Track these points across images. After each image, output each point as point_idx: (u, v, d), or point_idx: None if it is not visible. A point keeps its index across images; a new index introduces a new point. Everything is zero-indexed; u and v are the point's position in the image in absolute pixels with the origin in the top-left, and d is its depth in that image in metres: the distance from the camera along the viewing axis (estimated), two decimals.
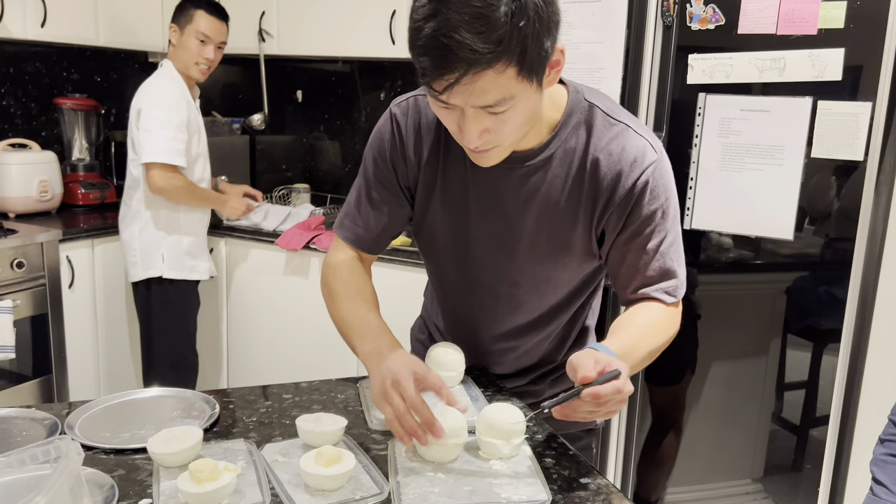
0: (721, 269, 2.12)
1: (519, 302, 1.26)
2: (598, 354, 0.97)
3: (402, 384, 1.00)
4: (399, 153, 1.20)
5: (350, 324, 1.18)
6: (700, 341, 2.19)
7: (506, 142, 1.03)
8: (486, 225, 1.20)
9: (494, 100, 0.94)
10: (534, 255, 1.20)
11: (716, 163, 1.97)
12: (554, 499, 0.94)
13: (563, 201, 1.14)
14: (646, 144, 1.12)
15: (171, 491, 0.91)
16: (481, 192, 1.17)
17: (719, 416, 2.28)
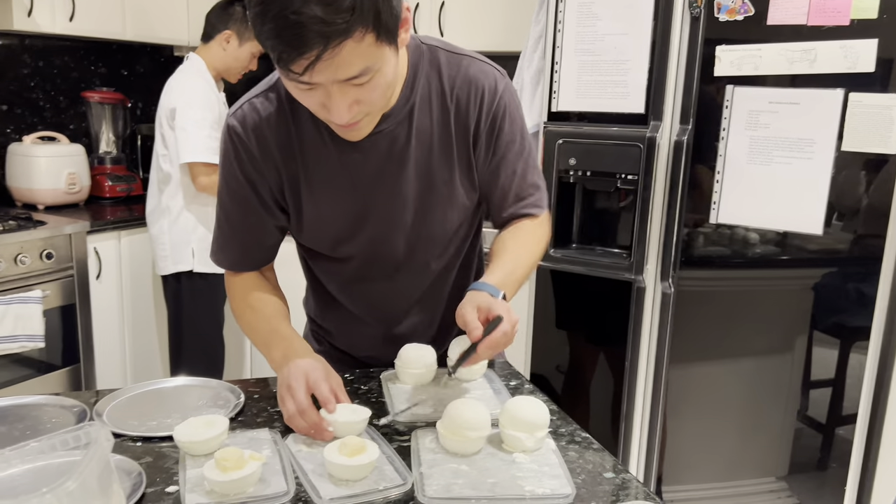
0: (746, 264, 2.09)
1: (421, 265, 1.25)
2: (478, 299, 1.05)
3: (293, 388, 1.03)
4: (249, 165, 1.14)
5: (258, 336, 1.20)
6: (724, 337, 2.16)
7: (374, 108, 1.03)
8: (369, 195, 1.16)
9: (358, 70, 0.91)
10: (425, 211, 1.19)
11: (743, 156, 1.94)
12: (578, 493, 0.93)
13: (436, 144, 1.16)
14: (494, 70, 1.17)
15: (198, 479, 0.91)
16: (353, 165, 1.14)
17: (744, 412, 2.25)
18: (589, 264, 2.17)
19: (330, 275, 1.29)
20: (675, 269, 2.06)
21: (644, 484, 0.99)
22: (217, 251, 1.24)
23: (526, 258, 1.21)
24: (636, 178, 2.05)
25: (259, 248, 1.23)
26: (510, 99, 1.19)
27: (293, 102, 1.10)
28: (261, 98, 1.14)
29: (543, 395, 1.22)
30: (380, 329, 1.31)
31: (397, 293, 1.27)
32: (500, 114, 1.17)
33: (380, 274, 1.25)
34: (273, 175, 1.15)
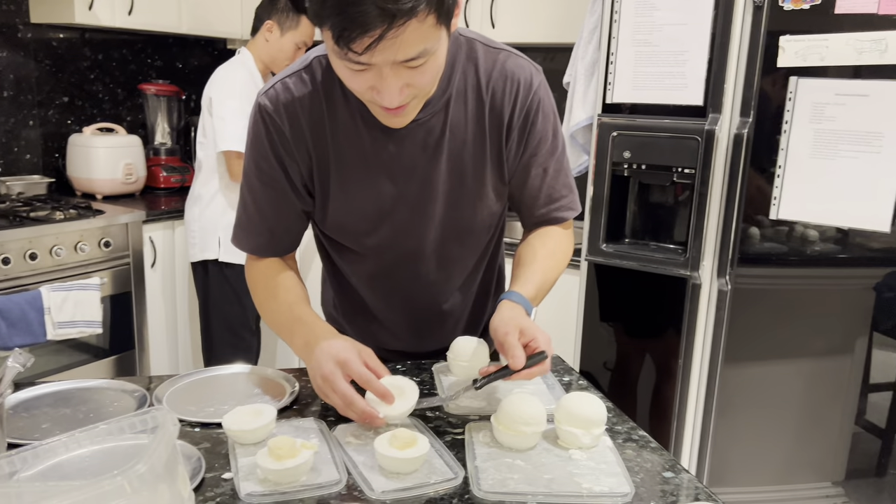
0: (805, 262, 2.03)
1: (448, 259, 1.23)
2: (520, 321, 1.04)
3: (330, 379, 0.99)
4: (280, 146, 1.12)
5: (279, 324, 1.16)
6: (781, 336, 2.11)
7: (422, 93, 1.02)
8: (399, 185, 1.15)
9: (417, 51, 0.91)
10: (454, 204, 1.18)
11: (807, 150, 1.87)
12: (637, 491, 0.91)
13: (469, 137, 1.14)
14: (530, 65, 1.17)
15: (250, 466, 0.92)
16: (384, 152, 1.13)
17: (799, 414, 2.19)
18: (642, 260, 2.13)
19: (353, 266, 1.27)
20: (732, 266, 2.01)
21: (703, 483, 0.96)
22: (241, 235, 1.21)
23: (555, 270, 1.21)
24: (693, 171, 2.00)
25: (286, 234, 1.21)
26: (545, 95, 1.18)
27: (327, 85, 1.10)
28: (293, 78, 1.12)
29: (597, 392, 1.20)
30: (403, 322, 1.30)
31: (422, 287, 1.26)
32: (533, 108, 1.16)
33: (405, 266, 1.23)
34: (303, 156, 1.13)
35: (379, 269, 1.24)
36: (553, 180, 1.21)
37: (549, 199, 1.22)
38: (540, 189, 1.21)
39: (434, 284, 1.26)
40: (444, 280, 1.26)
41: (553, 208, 1.23)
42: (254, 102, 1.14)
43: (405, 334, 1.31)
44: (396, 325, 1.31)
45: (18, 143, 2.98)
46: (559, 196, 1.23)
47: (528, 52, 3.43)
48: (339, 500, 0.87)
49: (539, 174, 1.20)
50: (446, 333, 1.29)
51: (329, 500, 0.88)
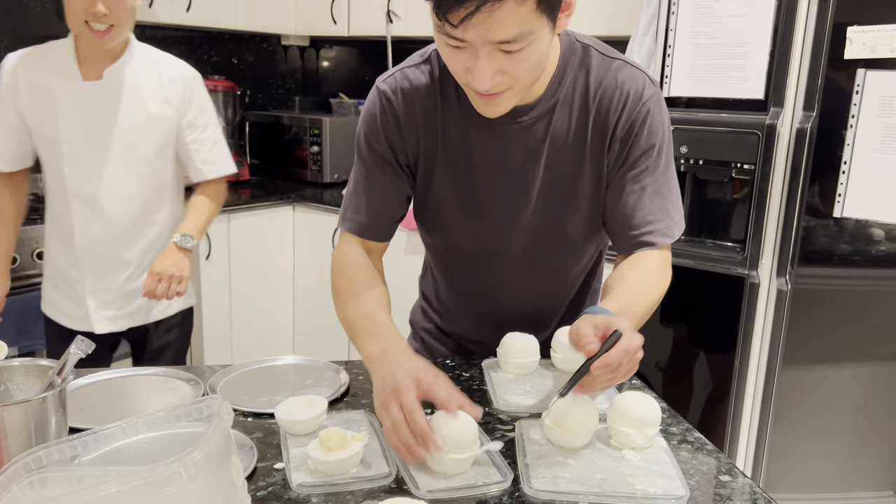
0: (869, 262, 1.95)
1: (537, 261, 1.22)
2: (596, 319, 0.94)
3: (401, 391, 0.91)
4: (394, 130, 1.15)
5: (354, 324, 1.12)
6: (842, 339, 2.03)
7: (518, 85, 0.99)
8: (496, 184, 1.15)
9: (512, 34, 0.89)
10: (547, 208, 1.16)
11: (874, 145, 1.80)
12: (692, 494, 0.89)
13: (570, 145, 1.12)
14: (644, 77, 1.12)
15: (301, 457, 0.93)
16: (487, 151, 1.13)
17: (860, 420, 2.12)
18: (698, 258, 2.08)
19: (444, 257, 1.29)
20: (792, 266, 1.95)
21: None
22: (348, 215, 1.22)
23: (647, 294, 1.11)
24: (753, 167, 1.94)
25: (388, 218, 1.21)
26: (655, 108, 1.11)
27: (443, 78, 1.12)
28: (413, 68, 1.15)
29: (652, 392, 1.18)
30: (488, 318, 1.30)
31: (508, 288, 1.26)
32: (639, 121, 1.10)
33: (492, 265, 1.23)
34: (412, 143, 1.16)
35: (467, 263, 1.25)
36: (650, 201, 1.12)
37: (642, 221, 1.13)
38: (634, 208, 1.13)
39: (520, 288, 1.26)
40: (531, 285, 1.25)
41: (645, 231, 1.13)
42: (373, 87, 1.17)
43: (486, 329, 1.31)
44: (479, 318, 1.32)
45: None
46: (653, 219, 1.13)
47: None
48: (388, 494, 0.87)
49: (635, 191, 1.12)
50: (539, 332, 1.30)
51: (379, 493, 0.88)
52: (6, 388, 0.88)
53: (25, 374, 0.88)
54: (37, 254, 2.33)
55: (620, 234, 1.16)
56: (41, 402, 0.79)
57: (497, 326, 1.27)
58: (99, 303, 1.83)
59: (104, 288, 1.82)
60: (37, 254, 2.33)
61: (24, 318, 2.27)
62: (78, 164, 1.74)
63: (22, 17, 2.79)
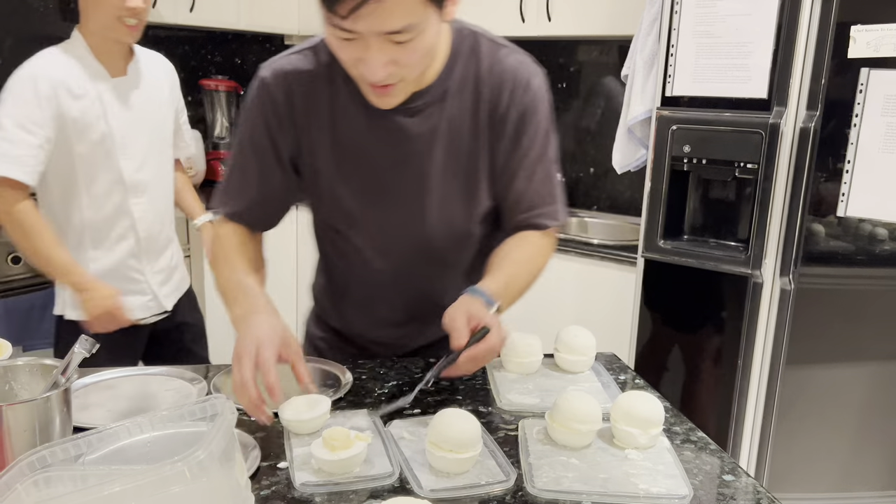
0: (873, 262, 1.95)
1: (440, 252, 1.21)
2: (471, 307, 1.02)
3: (241, 359, 0.95)
4: (277, 120, 1.12)
5: (226, 289, 1.13)
6: (846, 339, 2.03)
7: (410, 75, 1.00)
8: (393, 173, 1.14)
9: (401, 24, 0.90)
10: (447, 195, 1.16)
11: (878, 145, 1.80)
12: (695, 494, 0.89)
13: (464, 131, 1.13)
14: (531, 63, 1.15)
15: (305, 456, 0.93)
16: (383, 141, 1.12)
17: (864, 420, 2.11)
18: (702, 257, 2.08)
19: (342, 252, 1.25)
20: (795, 265, 1.94)
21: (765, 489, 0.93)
22: (222, 198, 1.20)
23: (527, 271, 1.17)
24: (756, 166, 1.94)
25: (264, 205, 1.20)
26: (542, 96, 1.16)
27: (331, 66, 1.09)
28: (298, 55, 1.13)
29: (655, 391, 1.18)
30: (388, 316, 1.28)
31: (412, 279, 1.23)
32: (529, 110, 1.14)
33: (397, 256, 1.21)
34: (298, 135, 1.13)
35: (367, 256, 1.22)
36: (540, 186, 1.18)
37: (531, 205, 1.18)
38: (523, 194, 1.18)
39: (425, 278, 1.24)
40: (437, 274, 1.24)
41: (534, 214, 1.19)
42: (255, 75, 1.14)
43: (385, 327, 1.29)
44: (379, 316, 1.29)
45: None
46: (541, 203, 1.19)
47: (585, 44, 3.36)
48: (391, 493, 0.87)
49: (526, 177, 1.17)
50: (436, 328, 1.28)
51: (382, 493, 0.88)
52: (10, 387, 0.88)
53: (30, 373, 0.89)
54: None
55: (510, 216, 1.20)
56: (45, 401, 0.79)
57: (399, 324, 1.27)
58: (158, 283, 1.97)
59: (160, 269, 1.97)
60: None
61: (28, 318, 2.28)
62: (131, 158, 1.83)
63: (26, 16, 2.80)
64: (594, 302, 2.52)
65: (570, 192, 3.20)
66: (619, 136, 2.44)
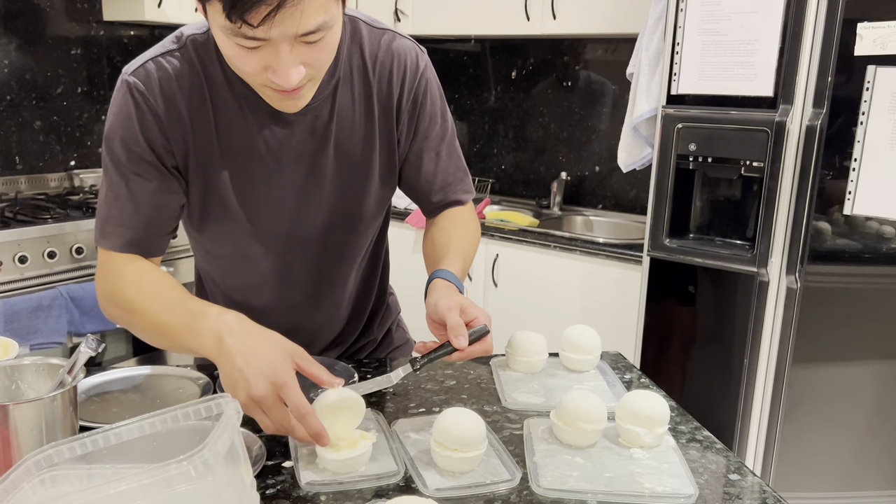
0: (879, 260, 1.94)
1: (336, 245, 1.18)
2: (460, 299, 1.01)
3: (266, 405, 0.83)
4: (155, 128, 1.01)
5: (168, 323, 0.95)
6: (852, 337, 2.02)
7: (319, 73, 0.96)
8: (286, 173, 1.09)
9: (316, 24, 0.85)
10: (341, 188, 1.13)
11: (885, 143, 1.79)
12: (701, 493, 0.89)
13: (357, 122, 1.11)
14: (415, 46, 1.14)
15: (310, 455, 0.93)
16: (272, 139, 1.06)
17: (870, 419, 2.11)
18: (708, 256, 2.07)
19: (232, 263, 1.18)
20: (802, 263, 1.94)
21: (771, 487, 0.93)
22: (109, 230, 1.04)
23: (471, 250, 1.20)
24: (762, 165, 1.93)
25: (160, 228, 1.06)
26: (432, 76, 1.16)
27: (206, 67, 1.03)
28: (168, 56, 1.03)
29: (660, 390, 1.17)
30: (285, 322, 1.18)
31: (308, 273, 1.20)
32: (422, 90, 1.14)
33: (292, 253, 1.16)
34: (179, 142, 1.03)
35: (261, 267, 1.17)
36: (447, 164, 1.20)
37: (444, 184, 1.21)
38: (435, 174, 1.19)
39: (322, 271, 1.21)
40: (333, 266, 1.21)
41: (450, 192, 1.22)
42: (119, 81, 1.03)
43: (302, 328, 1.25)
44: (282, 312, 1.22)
45: (91, 137, 3.09)
46: (453, 179, 1.21)
47: (590, 42, 3.35)
48: (396, 492, 0.87)
49: (432, 158, 1.18)
50: (329, 320, 1.28)
51: (387, 492, 0.88)
52: (17, 386, 0.88)
53: (36, 372, 0.89)
54: (48, 253, 2.35)
55: (427, 199, 1.22)
56: (52, 400, 0.79)
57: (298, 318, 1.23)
58: None
59: None
60: (48, 253, 2.35)
61: (35, 318, 2.29)
62: None
63: (33, 17, 2.81)
64: (599, 301, 2.52)
65: (575, 190, 3.21)
66: (624, 134, 2.43)
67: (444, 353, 0.99)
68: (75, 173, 2.98)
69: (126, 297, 1.02)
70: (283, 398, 0.83)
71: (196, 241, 1.20)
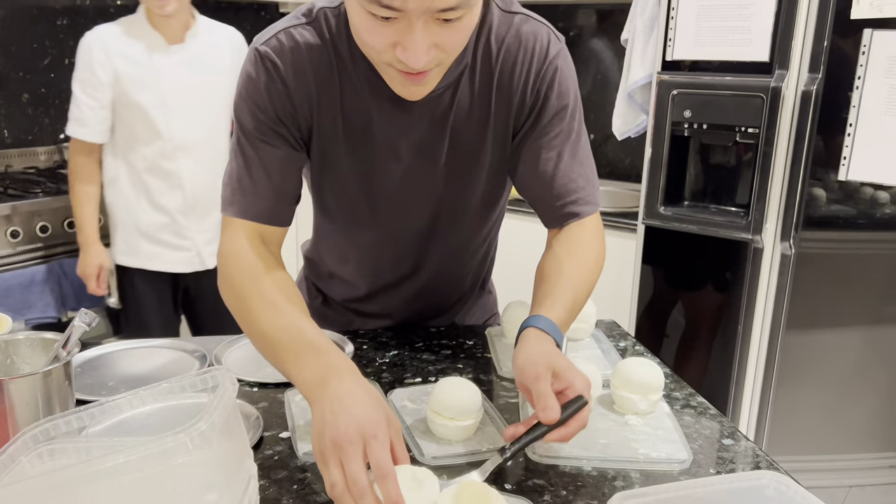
0: (874, 226, 1.95)
1: (440, 235, 1.14)
2: (552, 359, 0.85)
3: (344, 452, 0.73)
4: (285, 98, 0.99)
5: (276, 340, 0.89)
6: (846, 303, 2.03)
7: (449, 59, 0.89)
8: (401, 159, 1.05)
9: (458, 0, 0.79)
10: (452, 180, 1.08)
11: (881, 107, 1.78)
12: (695, 458, 0.90)
13: (475, 112, 1.03)
14: (549, 31, 1.04)
15: (307, 426, 0.93)
16: (391, 124, 1.02)
17: (864, 383, 2.13)
18: (702, 223, 2.07)
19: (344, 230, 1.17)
20: (796, 230, 1.94)
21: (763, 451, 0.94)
22: (237, 198, 1.01)
23: (586, 285, 1.04)
24: (757, 131, 1.92)
25: (289, 198, 1.04)
26: (564, 66, 1.04)
27: (335, 40, 0.99)
28: (300, 28, 0.99)
29: (654, 357, 1.18)
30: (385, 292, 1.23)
31: (409, 262, 1.18)
32: (547, 80, 1.03)
33: (394, 240, 1.15)
34: (306, 113, 1.01)
35: (367, 243, 1.16)
36: (568, 168, 1.05)
37: (564, 190, 1.06)
38: (553, 177, 1.06)
39: (422, 262, 1.18)
40: (432, 259, 1.18)
41: (569, 201, 1.07)
42: (249, 51, 1.01)
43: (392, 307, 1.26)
44: (385, 298, 1.24)
45: None
46: (575, 187, 1.06)
47: (584, 8, 3.31)
48: None
49: (552, 159, 1.05)
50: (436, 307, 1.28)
51: None
52: (12, 361, 0.88)
53: (31, 347, 0.89)
54: (40, 227, 2.33)
55: (543, 206, 1.10)
56: (47, 374, 0.79)
57: (393, 299, 1.24)
58: (204, 242, 2.14)
59: (206, 227, 2.14)
60: (40, 227, 2.33)
61: (29, 292, 2.28)
62: (185, 120, 2.03)
63: None
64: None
65: None
66: (619, 101, 2.41)
67: (536, 436, 0.84)
68: (65, 146, 2.95)
69: (242, 288, 0.95)
70: (368, 451, 0.73)
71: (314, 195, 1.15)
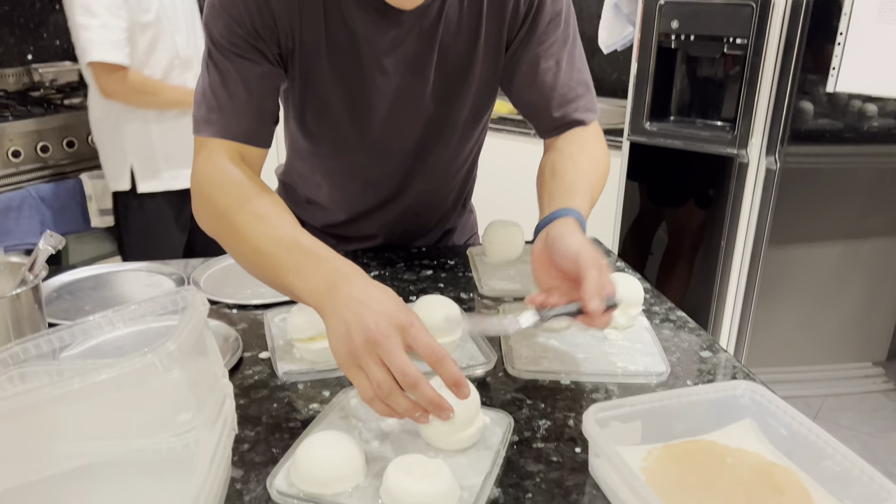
0: (861, 139, 1.93)
1: (426, 153, 1.11)
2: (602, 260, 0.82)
3: (385, 346, 0.67)
4: (265, 12, 0.92)
5: (274, 253, 0.81)
6: (830, 217, 2.04)
7: None
8: (389, 74, 1.01)
9: None
10: (440, 96, 1.05)
11: (872, 14, 1.73)
12: (672, 370, 0.91)
13: (464, 24, 0.99)
14: None
15: (287, 346, 0.93)
16: (378, 37, 0.98)
17: (843, 296, 2.16)
18: (688, 138, 2.05)
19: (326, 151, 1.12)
20: (782, 144, 1.92)
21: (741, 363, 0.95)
22: (213, 117, 0.93)
23: (600, 182, 1.02)
24: (746, 42, 1.88)
25: (270, 118, 0.98)
26: None
27: None
28: None
29: (636, 273, 1.18)
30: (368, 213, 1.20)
31: (394, 181, 1.15)
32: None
33: (380, 159, 1.12)
34: (286, 31, 0.95)
35: (353, 165, 1.12)
36: (567, 76, 1.04)
37: (564, 99, 1.04)
38: (553, 87, 1.04)
39: (407, 181, 1.16)
40: (417, 177, 1.16)
41: (572, 109, 1.05)
42: None
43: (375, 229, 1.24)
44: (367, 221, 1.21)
45: (47, 28, 2.93)
46: (575, 95, 1.05)
47: None
48: None
49: (551, 68, 1.03)
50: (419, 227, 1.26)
51: None
52: None
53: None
54: (12, 152, 2.27)
55: (543, 115, 1.07)
56: (15, 298, 0.78)
57: (375, 222, 1.21)
58: None
59: None
60: (12, 152, 2.27)
61: (6, 219, 2.25)
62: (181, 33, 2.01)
63: None
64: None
65: None
66: (605, 12, 2.34)
67: (571, 312, 0.83)
68: (34, 67, 2.85)
69: (227, 210, 0.87)
70: (411, 340, 0.69)
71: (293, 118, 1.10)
